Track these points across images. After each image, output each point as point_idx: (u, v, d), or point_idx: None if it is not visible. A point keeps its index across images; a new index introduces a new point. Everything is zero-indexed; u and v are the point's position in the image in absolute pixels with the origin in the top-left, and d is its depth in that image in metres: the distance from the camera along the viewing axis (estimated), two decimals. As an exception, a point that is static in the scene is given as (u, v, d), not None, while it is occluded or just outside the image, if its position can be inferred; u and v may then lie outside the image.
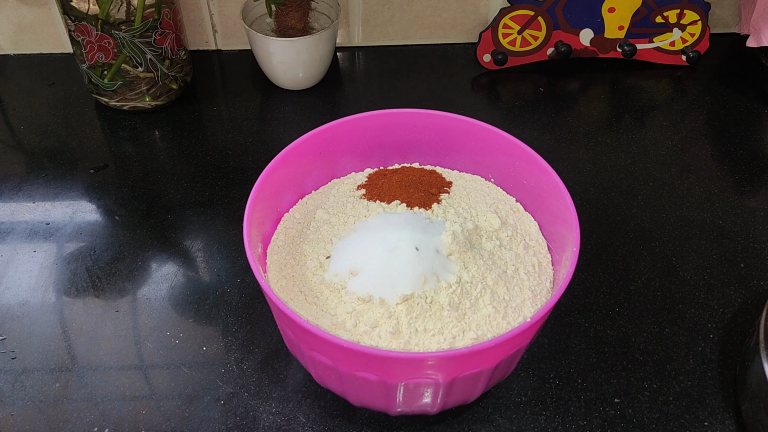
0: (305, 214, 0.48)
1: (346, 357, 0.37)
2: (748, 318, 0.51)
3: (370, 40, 0.77)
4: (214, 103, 0.70)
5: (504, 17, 0.70)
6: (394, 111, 0.49)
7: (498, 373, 0.41)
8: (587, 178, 0.62)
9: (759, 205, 0.60)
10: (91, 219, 0.58)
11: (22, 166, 0.63)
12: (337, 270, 0.42)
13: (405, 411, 0.42)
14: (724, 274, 0.54)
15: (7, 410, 0.45)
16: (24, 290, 0.52)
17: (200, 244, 0.56)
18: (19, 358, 0.48)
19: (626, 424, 0.45)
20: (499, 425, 0.44)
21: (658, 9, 0.71)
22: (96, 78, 0.64)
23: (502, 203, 0.49)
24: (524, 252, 0.45)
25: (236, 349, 0.48)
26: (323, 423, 0.44)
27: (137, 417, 0.44)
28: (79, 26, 0.60)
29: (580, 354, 0.48)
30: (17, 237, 0.56)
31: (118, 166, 0.63)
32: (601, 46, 0.74)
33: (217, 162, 0.63)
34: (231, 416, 0.45)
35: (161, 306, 0.51)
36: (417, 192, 0.47)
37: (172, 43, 0.64)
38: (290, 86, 0.71)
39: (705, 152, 0.65)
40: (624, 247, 0.56)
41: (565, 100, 0.71)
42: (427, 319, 0.39)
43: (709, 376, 0.47)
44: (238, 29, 0.75)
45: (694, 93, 0.73)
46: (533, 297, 0.42)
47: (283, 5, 0.66)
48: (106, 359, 0.48)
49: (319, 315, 0.40)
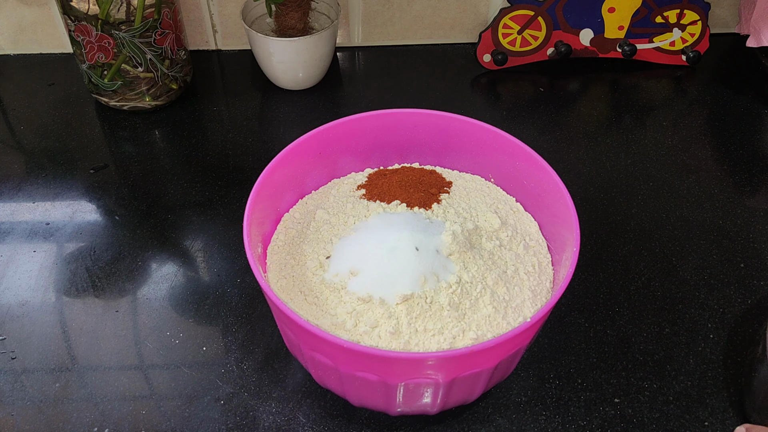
0: (305, 214, 0.48)
1: (346, 357, 0.37)
2: (749, 318, 0.51)
3: (370, 40, 0.77)
4: (214, 103, 0.70)
5: (504, 17, 0.70)
6: (394, 111, 0.49)
7: (498, 373, 0.41)
8: (587, 178, 0.62)
9: (759, 205, 0.60)
10: (91, 219, 0.58)
11: (22, 166, 0.63)
12: (337, 270, 0.42)
13: (405, 411, 0.42)
14: (724, 274, 0.54)
15: (7, 410, 0.45)
16: (24, 290, 0.52)
17: (200, 244, 0.56)
18: (19, 358, 0.48)
19: (626, 424, 0.45)
20: (499, 425, 0.44)
21: (658, 9, 0.71)
22: (96, 78, 0.64)
23: (502, 203, 0.49)
24: (524, 252, 0.45)
25: (236, 349, 0.48)
26: (323, 423, 0.44)
27: (137, 417, 0.44)
28: (79, 26, 0.60)
29: (580, 354, 0.48)
30: (17, 237, 0.56)
31: (118, 166, 0.63)
32: (601, 46, 0.74)
33: (217, 162, 0.63)
34: (231, 416, 0.45)
35: (161, 306, 0.51)
36: (417, 192, 0.47)
37: (172, 43, 0.64)
38: (290, 86, 0.71)
39: (705, 152, 0.65)
40: (624, 247, 0.56)
41: (565, 100, 0.71)
42: (427, 319, 0.39)
43: (709, 376, 0.47)
44: (238, 29, 0.75)
45: (694, 93, 0.73)
46: (533, 297, 0.42)
47: (283, 5, 0.66)
48: (106, 359, 0.48)
49: (319, 315, 0.40)
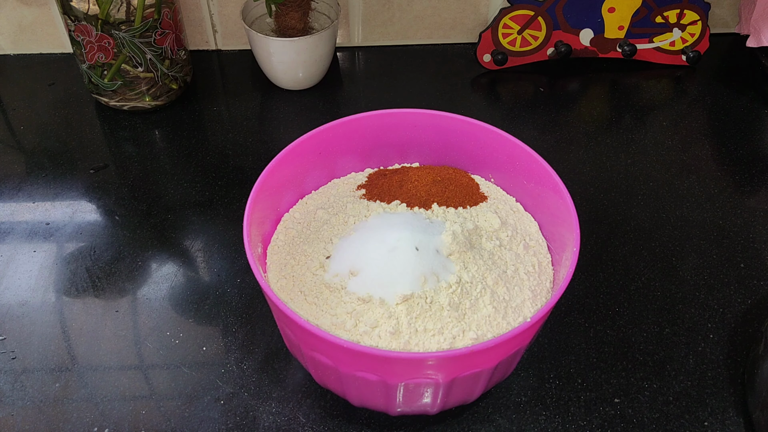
0: (305, 214, 0.48)
1: (346, 357, 0.37)
2: (749, 318, 0.51)
3: (370, 40, 0.77)
4: (214, 103, 0.70)
5: (504, 17, 0.70)
6: (395, 111, 0.49)
7: (498, 373, 0.41)
8: (587, 178, 0.62)
9: (759, 205, 0.60)
10: (91, 219, 0.58)
11: (22, 166, 0.63)
12: (337, 270, 0.42)
13: (405, 411, 0.42)
14: (724, 274, 0.54)
15: (7, 410, 0.45)
16: (24, 290, 0.52)
17: (200, 244, 0.56)
18: (19, 358, 0.48)
19: (626, 424, 0.44)
20: (499, 425, 0.44)
21: (658, 9, 0.71)
22: (96, 78, 0.64)
23: (502, 203, 0.49)
24: (524, 252, 0.45)
25: (236, 349, 0.48)
26: (323, 423, 0.44)
27: (137, 417, 0.44)
28: (79, 26, 0.60)
29: (580, 354, 0.48)
30: (17, 237, 0.56)
31: (118, 166, 0.63)
32: (601, 46, 0.74)
33: (217, 162, 0.63)
34: (231, 416, 0.45)
35: (161, 306, 0.51)
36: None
37: (172, 43, 0.64)
38: (290, 86, 0.71)
39: (705, 152, 0.65)
40: (624, 247, 0.56)
41: (565, 100, 0.71)
42: (427, 319, 0.39)
43: (709, 376, 0.47)
44: (238, 29, 0.75)
45: (694, 93, 0.73)
46: (533, 297, 0.42)
47: (283, 5, 0.66)
48: (106, 359, 0.48)
49: (319, 315, 0.40)
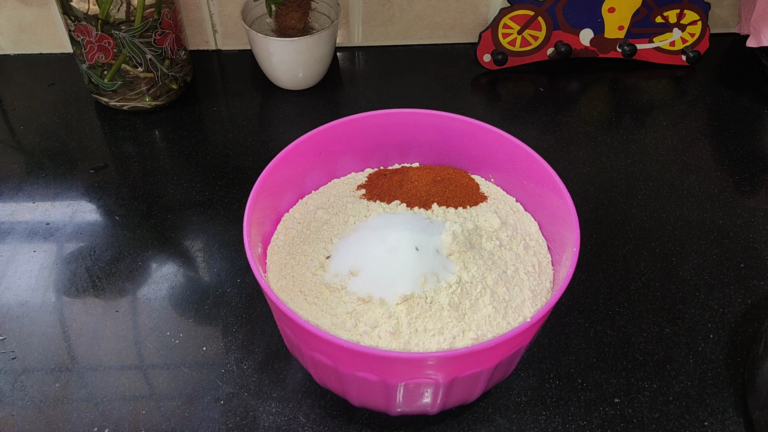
0: (305, 214, 0.48)
1: (346, 357, 0.37)
2: (749, 318, 0.51)
3: (370, 40, 0.77)
4: (214, 103, 0.70)
5: (504, 17, 0.70)
6: (395, 111, 0.49)
7: (498, 373, 0.41)
8: (587, 178, 0.62)
9: (759, 205, 0.60)
10: (91, 219, 0.58)
11: (22, 166, 0.63)
12: (337, 270, 0.42)
13: (405, 411, 0.42)
14: (724, 274, 0.54)
15: (7, 410, 0.45)
16: (24, 290, 0.52)
17: (200, 244, 0.56)
18: (19, 358, 0.48)
19: (626, 424, 0.44)
20: (499, 425, 0.44)
21: (658, 9, 0.71)
22: (96, 78, 0.64)
23: (502, 203, 0.49)
24: (524, 252, 0.45)
25: (236, 349, 0.48)
26: (323, 423, 0.44)
27: (137, 417, 0.44)
28: (79, 26, 0.60)
29: (580, 354, 0.48)
30: (17, 237, 0.56)
31: (118, 166, 0.63)
32: (601, 46, 0.74)
33: (217, 162, 0.63)
34: (231, 416, 0.45)
35: (161, 306, 0.51)
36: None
37: (172, 43, 0.64)
38: (290, 86, 0.71)
39: (705, 152, 0.65)
40: (624, 247, 0.56)
41: (565, 100, 0.71)
42: (427, 319, 0.39)
43: (709, 376, 0.47)
44: (238, 29, 0.75)
45: (694, 93, 0.73)
46: (533, 297, 0.42)
47: (283, 5, 0.66)
48: (106, 359, 0.48)
49: (319, 315, 0.40)
